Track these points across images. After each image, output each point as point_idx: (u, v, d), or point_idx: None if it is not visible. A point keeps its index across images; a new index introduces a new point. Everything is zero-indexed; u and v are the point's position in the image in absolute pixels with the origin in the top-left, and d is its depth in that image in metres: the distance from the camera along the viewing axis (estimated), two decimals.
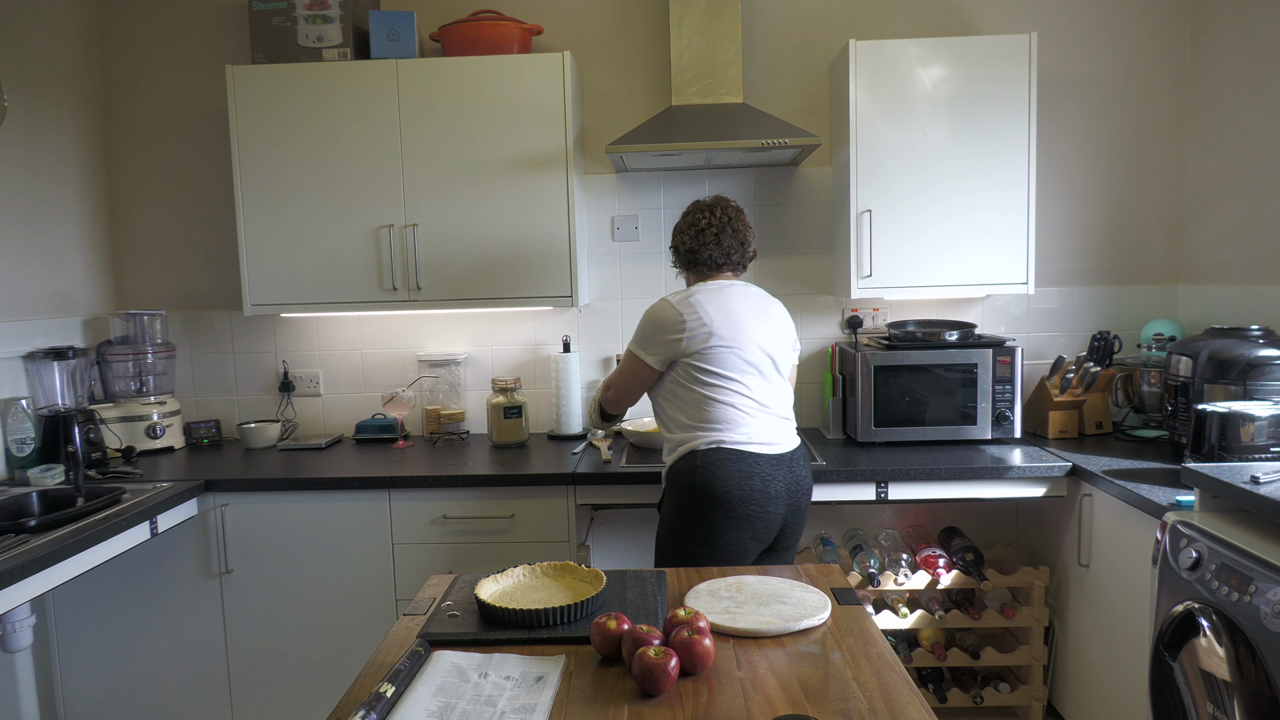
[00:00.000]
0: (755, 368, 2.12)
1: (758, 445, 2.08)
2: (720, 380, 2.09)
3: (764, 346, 2.14)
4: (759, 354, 2.12)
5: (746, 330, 2.11)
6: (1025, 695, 2.68)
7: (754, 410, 2.11)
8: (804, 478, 2.17)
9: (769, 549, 2.18)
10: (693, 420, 2.11)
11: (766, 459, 2.08)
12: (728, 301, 2.14)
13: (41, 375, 2.71)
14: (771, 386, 2.16)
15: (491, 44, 2.79)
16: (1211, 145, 2.87)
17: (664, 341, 2.12)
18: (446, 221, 2.78)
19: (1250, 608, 1.56)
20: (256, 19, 2.80)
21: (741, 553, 2.09)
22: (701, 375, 2.09)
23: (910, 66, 2.68)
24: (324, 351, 3.19)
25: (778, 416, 2.16)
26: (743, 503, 2.04)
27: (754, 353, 2.11)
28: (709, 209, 2.23)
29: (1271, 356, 2.27)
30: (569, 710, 1.20)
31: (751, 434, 2.08)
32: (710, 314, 2.10)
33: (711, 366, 2.08)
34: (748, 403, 2.10)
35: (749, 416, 2.09)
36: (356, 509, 2.57)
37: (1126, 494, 2.17)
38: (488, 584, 1.57)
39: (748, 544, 2.09)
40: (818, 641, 1.41)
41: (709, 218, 2.20)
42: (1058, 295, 3.08)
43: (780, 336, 2.20)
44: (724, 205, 2.24)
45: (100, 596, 2.64)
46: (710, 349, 2.08)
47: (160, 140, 3.13)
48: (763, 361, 2.13)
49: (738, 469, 2.04)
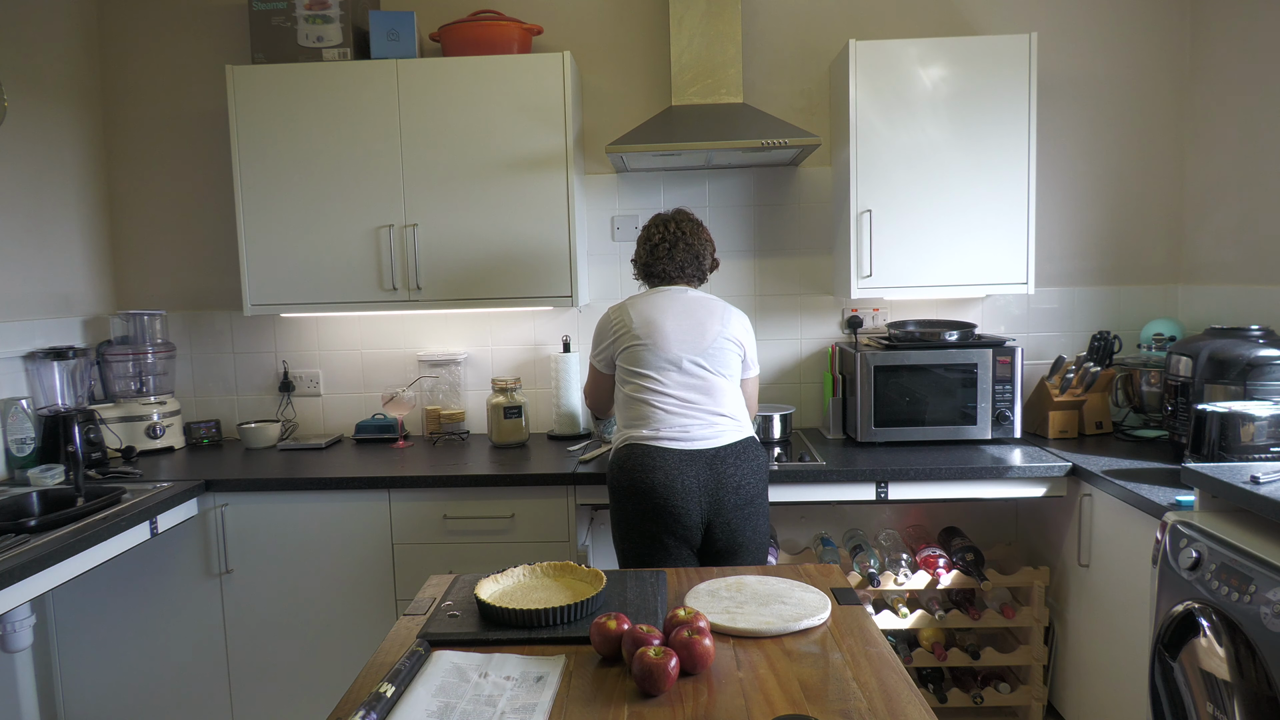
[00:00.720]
0: (674, 365, 2.16)
1: (667, 441, 2.11)
2: (637, 378, 2.19)
3: (688, 344, 2.17)
4: (679, 351, 2.16)
5: (663, 328, 2.18)
6: (1025, 695, 2.68)
7: (672, 406, 2.14)
8: (731, 476, 2.10)
9: (709, 553, 2.15)
10: (622, 420, 2.23)
11: (675, 454, 2.09)
12: (656, 303, 2.23)
13: (41, 375, 2.71)
14: (698, 384, 2.16)
15: (491, 44, 2.79)
16: (1211, 145, 2.87)
17: (603, 346, 2.28)
18: (446, 221, 2.78)
19: (1250, 608, 1.56)
20: (256, 19, 2.80)
21: (660, 548, 2.10)
22: (625, 375, 2.23)
23: (910, 66, 2.68)
24: (324, 351, 3.19)
25: (706, 413, 2.15)
26: (646, 495, 2.07)
27: (673, 350, 2.16)
28: (664, 224, 2.32)
29: (1271, 356, 2.27)
30: (569, 710, 1.20)
31: (660, 429, 2.12)
32: (633, 316, 2.22)
33: (630, 365, 2.21)
34: (665, 399, 2.15)
35: (664, 413, 2.14)
36: (356, 509, 2.57)
37: (1126, 494, 2.17)
38: (488, 584, 1.57)
39: (663, 539, 2.10)
40: (818, 641, 1.41)
41: (663, 232, 2.30)
42: (1058, 295, 3.08)
43: (714, 335, 2.19)
44: (680, 220, 2.32)
45: (100, 596, 2.64)
46: (630, 348, 2.20)
47: (160, 140, 3.13)
48: (685, 359, 2.16)
49: (640, 463, 2.09)
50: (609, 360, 2.28)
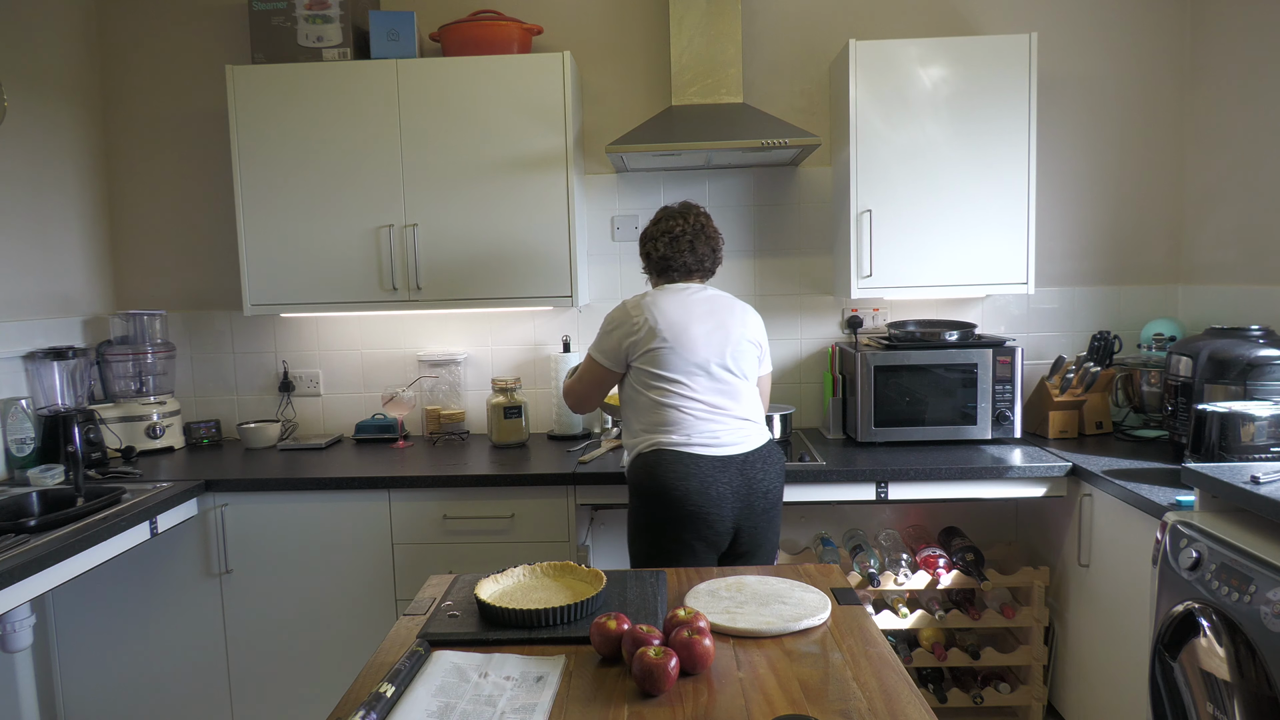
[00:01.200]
0: (703, 369, 2.11)
1: (699, 447, 2.08)
2: (665, 383, 2.11)
3: (714, 348, 2.13)
4: (707, 356, 2.12)
5: (692, 332, 2.11)
6: (1025, 695, 2.68)
7: (701, 412, 2.10)
8: (761, 480, 2.11)
9: (730, 554, 2.16)
10: (643, 425, 2.15)
11: (709, 460, 2.07)
12: (679, 303, 2.15)
13: (41, 375, 2.71)
14: (725, 388, 2.14)
15: (491, 44, 2.79)
16: (1211, 145, 2.87)
17: (615, 342, 2.16)
18: (446, 221, 2.78)
19: (1250, 608, 1.56)
20: (256, 19, 2.80)
21: (689, 553, 2.09)
22: (648, 379, 2.13)
23: (910, 66, 2.68)
24: (324, 351, 3.19)
25: (734, 418, 2.14)
26: (679, 502, 2.05)
27: (701, 354, 2.11)
28: (682, 215, 2.24)
29: (1271, 356, 2.27)
30: (569, 710, 1.20)
31: (693, 435, 2.09)
32: (657, 315, 2.12)
33: (657, 369, 2.11)
34: (694, 405, 2.10)
35: (694, 419, 2.10)
36: (356, 509, 2.57)
37: (1126, 494, 2.17)
38: (488, 584, 1.57)
39: (693, 545, 2.08)
40: (818, 641, 1.41)
41: (683, 224, 2.22)
42: (1058, 295, 3.08)
43: (736, 338, 2.17)
44: (695, 212, 2.26)
45: (100, 596, 2.64)
46: (655, 350, 2.11)
47: (160, 140, 3.13)
48: (712, 363, 2.12)
49: (674, 469, 2.05)
50: (619, 357, 2.17)
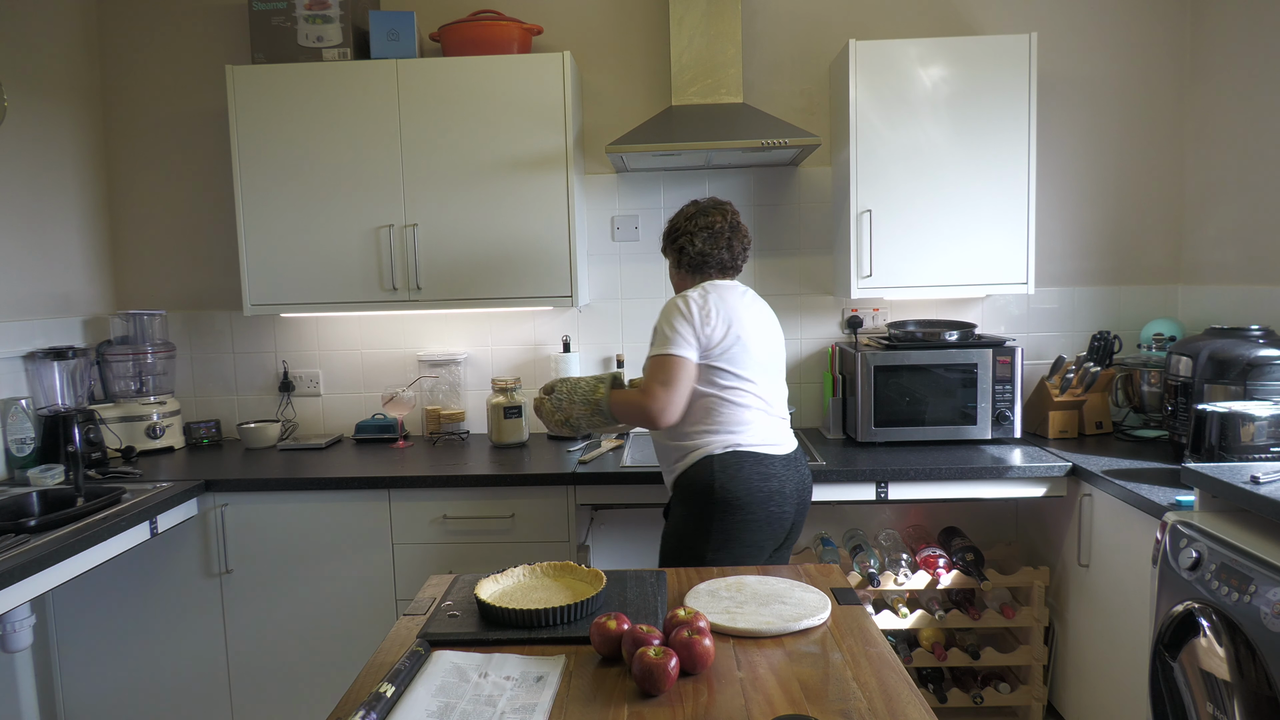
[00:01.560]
0: (763, 368, 2.11)
1: (769, 447, 2.08)
2: (737, 382, 2.06)
3: (770, 348, 2.15)
4: (767, 355, 2.13)
5: (751, 329, 2.10)
6: (1025, 695, 2.68)
7: (764, 412, 2.11)
8: (808, 476, 2.19)
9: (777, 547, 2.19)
10: (706, 425, 2.06)
11: (779, 460, 2.08)
12: (741, 303, 2.12)
13: (41, 375, 2.71)
14: (776, 387, 2.16)
15: (491, 44, 2.79)
16: (1211, 145, 2.87)
17: (694, 334, 2.03)
18: (446, 221, 2.78)
19: (1250, 608, 1.56)
20: (256, 19, 2.80)
21: (758, 555, 2.08)
22: (718, 377, 2.05)
23: (910, 66, 2.68)
24: (324, 351, 3.19)
25: (781, 417, 2.17)
26: (762, 505, 2.03)
27: (763, 354, 2.12)
28: (720, 209, 2.19)
29: (1271, 356, 2.27)
30: (569, 710, 1.20)
31: (765, 436, 2.08)
32: (729, 314, 2.06)
33: (730, 368, 2.05)
34: (760, 404, 2.09)
35: (764, 417, 2.10)
36: (356, 509, 2.57)
37: (1126, 494, 2.17)
38: (488, 584, 1.57)
39: (765, 545, 2.08)
40: (818, 641, 1.41)
41: (723, 220, 2.17)
42: (1058, 295, 3.08)
43: (779, 338, 2.22)
44: (727, 208, 2.21)
45: (100, 596, 2.64)
46: (730, 349, 2.05)
47: (160, 140, 3.13)
48: (770, 363, 2.14)
49: (756, 471, 2.03)
50: (707, 349, 2.04)
